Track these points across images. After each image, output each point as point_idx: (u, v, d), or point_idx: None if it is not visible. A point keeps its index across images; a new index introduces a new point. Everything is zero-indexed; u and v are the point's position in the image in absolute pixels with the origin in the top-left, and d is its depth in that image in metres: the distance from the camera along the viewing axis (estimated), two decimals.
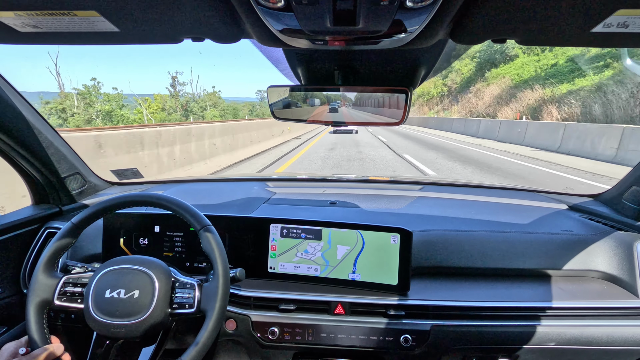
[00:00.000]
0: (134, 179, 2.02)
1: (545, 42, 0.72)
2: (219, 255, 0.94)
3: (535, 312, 1.12)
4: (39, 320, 0.91)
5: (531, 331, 1.09)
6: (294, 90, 1.04)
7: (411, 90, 0.95)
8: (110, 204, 1.00)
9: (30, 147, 1.32)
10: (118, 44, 0.75)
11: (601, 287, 1.22)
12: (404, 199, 1.71)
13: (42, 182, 1.46)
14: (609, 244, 1.27)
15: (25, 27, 0.64)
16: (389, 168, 9.47)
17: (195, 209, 0.99)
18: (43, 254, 0.97)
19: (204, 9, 0.60)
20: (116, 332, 0.89)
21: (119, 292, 0.89)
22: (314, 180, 2.16)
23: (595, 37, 0.65)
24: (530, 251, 1.28)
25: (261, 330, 1.15)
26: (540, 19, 0.60)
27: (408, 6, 0.51)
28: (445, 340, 1.11)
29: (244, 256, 1.26)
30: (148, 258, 0.96)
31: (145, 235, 1.29)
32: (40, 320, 0.91)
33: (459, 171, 9.12)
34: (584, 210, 1.53)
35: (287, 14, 0.54)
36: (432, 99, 44.43)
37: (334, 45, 0.68)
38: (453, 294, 1.17)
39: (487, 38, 0.68)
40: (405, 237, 1.15)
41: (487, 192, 1.84)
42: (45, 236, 1.41)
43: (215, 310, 0.89)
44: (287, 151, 13.67)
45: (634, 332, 1.09)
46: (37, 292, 0.93)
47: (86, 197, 1.65)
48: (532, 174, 8.79)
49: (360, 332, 1.12)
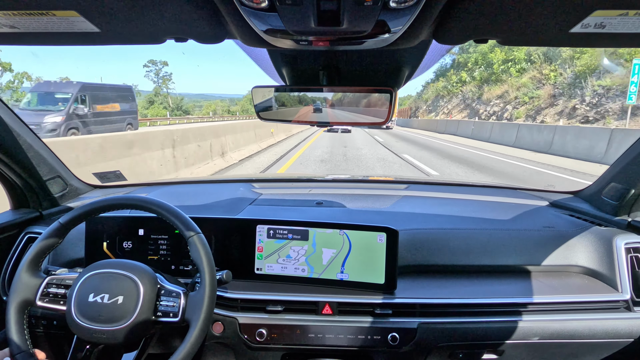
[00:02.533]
0: (117, 182, 1.98)
1: (525, 42, 0.73)
2: (207, 264, 0.93)
3: (519, 307, 1.14)
4: (20, 320, 0.89)
5: (515, 326, 1.11)
6: (279, 90, 1.04)
7: (395, 90, 0.96)
8: (99, 205, 0.98)
9: (8, 150, 1.29)
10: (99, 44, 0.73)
11: (582, 281, 1.25)
12: (390, 198, 1.72)
13: (22, 186, 1.42)
14: (589, 239, 1.31)
15: (2, 27, 0.62)
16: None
17: (185, 215, 0.98)
18: (27, 253, 0.95)
19: (187, 9, 0.60)
20: (97, 337, 0.87)
21: (102, 297, 0.87)
22: (300, 180, 2.16)
23: (574, 38, 0.67)
24: (513, 247, 1.30)
25: (249, 332, 1.14)
26: (521, 20, 0.62)
27: (391, 7, 0.51)
28: (431, 337, 1.12)
29: (230, 258, 1.25)
30: (135, 263, 0.95)
31: (129, 239, 1.27)
32: (21, 321, 0.89)
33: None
34: (564, 206, 1.56)
35: (271, 15, 0.54)
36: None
37: (318, 45, 0.69)
38: (439, 292, 1.18)
39: (469, 38, 0.69)
40: (392, 236, 1.16)
41: (471, 190, 1.87)
42: (26, 241, 1.37)
43: (200, 321, 0.88)
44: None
45: (614, 324, 1.12)
46: (18, 291, 0.91)
47: (68, 200, 1.61)
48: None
49: (348, 331, 1.13)
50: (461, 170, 9.40)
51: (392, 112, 0.96)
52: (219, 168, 8.97)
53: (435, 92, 43.18)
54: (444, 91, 39.52)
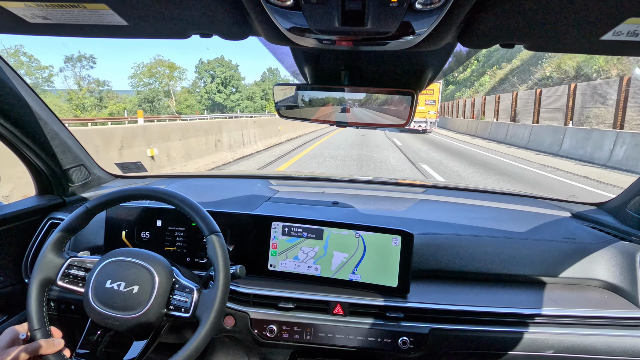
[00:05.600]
0: (138, 173, 2.03)
1: (553, 48, 0.71)
2: (222, 264, 0.94)
3: (535, 318, 1.11)
4: (40, 298, 0.92)
5: (530, 338, 1.09)
6: (300, 89, 1.04)
7: (417, 93, 0.95)
8: (125, 194, 1.01)
9: (36, 138, 1.33)
10: (126, 37, 0.75)
11: (602, 296, 1.21)
12: (407, 201, 1.71)
13: (47, 172, 1.47)
14: (611, 253, 1.27)
15: (35, 18, 0.64)
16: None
17: (206, 213, 0.99)
18: (52, 233, 0.98)
19: (214, 5, 0.61)
20: (110, 323, 0.89)
21: (119, 284, 0.90)
22: (316, 179, 2.16)
23: (605, 45, 0.65)
24: (531, 257, 1.27)
25: (259, 328, 1.15)
26: (550, 25, 0.60)
27: (417, 8, 0.51)
28: (443, 344, 1.11)
29: (244, 253, 1.26)
30: (153, 254, 0.96)
31: (147, 229, 1.30)
32: (41, 299, 0.92)
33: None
34: (587, 218, 1.52)
35: (295, 13, 0.54)
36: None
37: (341, 45, 0.68)
38: (452, 298, 1.17)
39: (496, 42, 0.68)
40: (407, 239, 1.15)
41: (491, 197, 1.84)
42: (48, 226, 1.42)
43: (209, 320, 0.89)
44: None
45: (633, 343, 1.08)
46: (42, 269, 0.94)
47: (90, 188, 1.66)
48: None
49: (359, 333, 1.12)
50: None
51: (412, 115, 0.95)
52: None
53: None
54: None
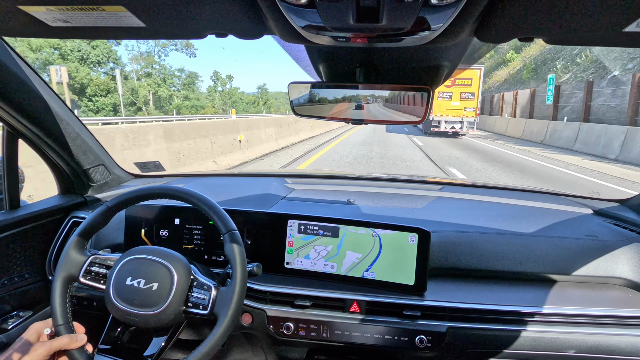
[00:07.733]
0: (156, 172, 2.07)
1: (573, 41, 0.69)
2: (239, 263, 0.95)
3: (555, 317, 1.09)
4: (64, 294, 0.94)
5: (551, 337, 1.07)
6: (315, 87, 1.04)
7: (433, 89, 0.93)
8: (143, 193, 1.03)
9: (58, 139, 1.37)
10: (144, 38, 0.77)
11: (625, 294, 1.18)
12: (423, 199, 1.69)
13: (69, 172, 1.51)
14: (635, 251, 1.23)
15: (56, 21, 0.66)
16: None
17: (224, 212, 1.00)
18: (74, 232, 1.00)
19: (229, 5, 0.61)
20: (131, 320, 0.91)
21: (139, 282, 0.91)
22: (332, 177, 2.16)
23: (628, 37, 0.63)
24: (550, 255, 1.25)
25: (276, 325, 1.16)
26: (570, 18, 0.58)
27: (433, 3, 0.50)
28: (460, 343, 1.10)
29: (261, 251, 1.27)
30: (172, 252, 0.98)
31: (165, 227, 1.32)
32: (65, 296, 0.94)
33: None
34: (610, 215, 1.48)
35: (310, 11, 0.54)
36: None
37: (356, 42, 0.68)
38: (470, 296, 1.15)
39: (514, 37, 0.67)
40: (424, 237, 1.14)
41: (510, 194, 1.80)
42: (71, 225, 1.46)
43: (227, 317, 0.90)
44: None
45: None
46: (65, 266, 0.97)
47: (110, 187, 1.70)
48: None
49: (375, 331, 1.12)
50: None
51: (428, 111, 0.94)
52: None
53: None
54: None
